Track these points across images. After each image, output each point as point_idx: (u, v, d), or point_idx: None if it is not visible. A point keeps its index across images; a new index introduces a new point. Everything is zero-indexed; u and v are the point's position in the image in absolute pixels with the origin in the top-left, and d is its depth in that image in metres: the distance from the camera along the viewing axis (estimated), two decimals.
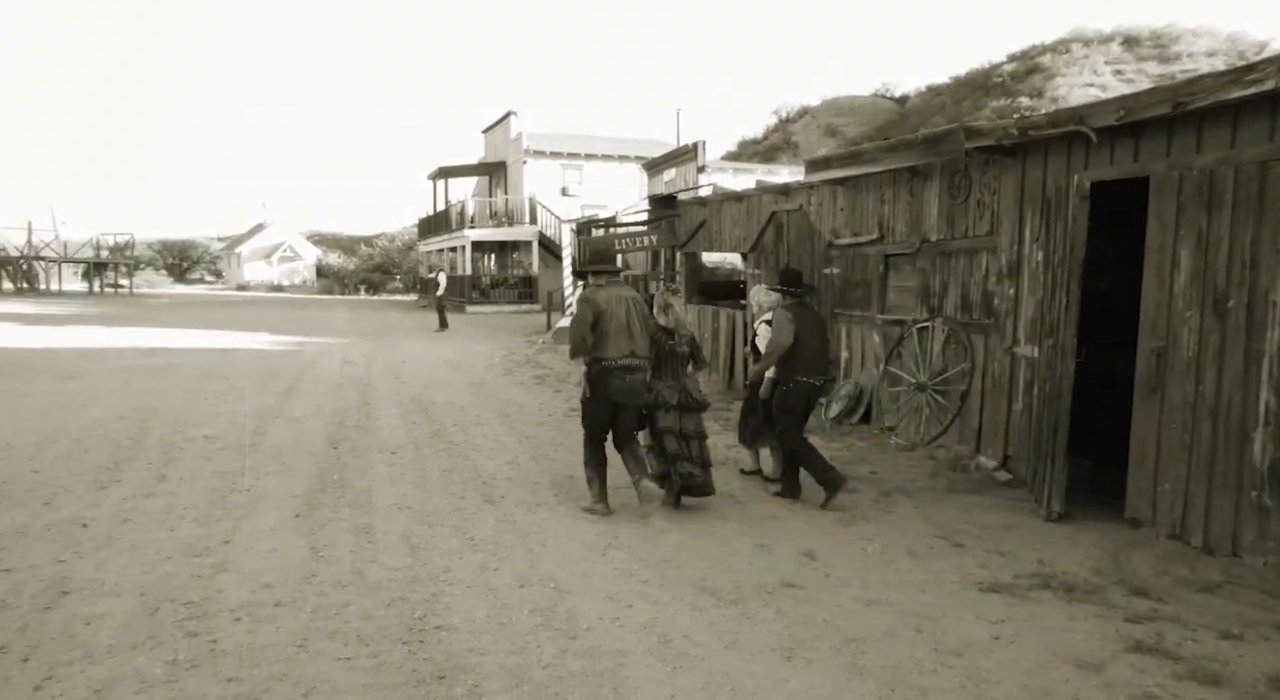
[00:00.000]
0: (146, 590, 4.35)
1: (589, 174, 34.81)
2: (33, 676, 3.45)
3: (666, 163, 25.02)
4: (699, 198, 14.36)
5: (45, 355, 15.35)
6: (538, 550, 5.13)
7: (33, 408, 9.71)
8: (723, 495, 6.44)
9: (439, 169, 38.13)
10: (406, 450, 7.83)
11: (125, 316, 26.98)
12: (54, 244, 46.18)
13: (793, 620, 4.17)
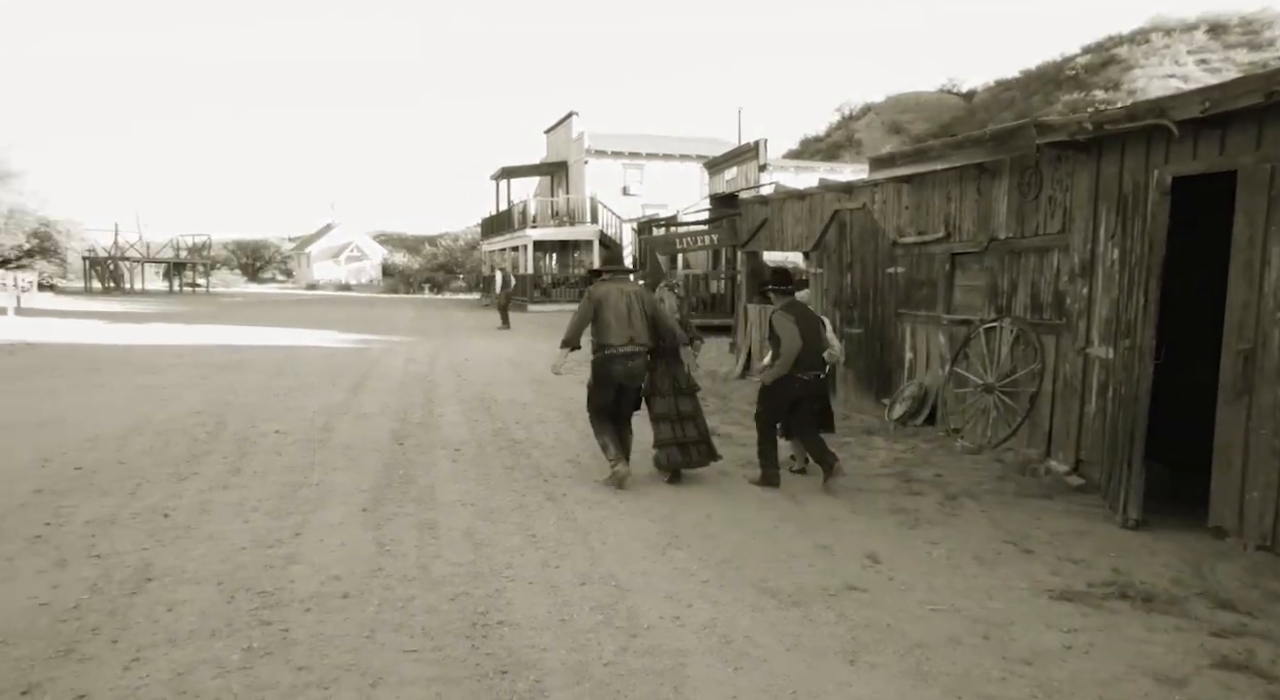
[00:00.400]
0: (223, 579, 4.49)
1: (650, 173, 34.83)
2: (122, 657, 3.59)
3: (728, 161, 24.89)
4: (760, 196, 14.26)
5: (129, 352, 15.98)
6: (598, 548, 5.15)
7: (118, 401, 10.12)
8: (782, 495, 6.40)
9: (502, 169, 38.63)
10: (469, 447, 7.95)
11: (202, 315, 27.92)
12: (138, 245, 48.11)
13: (855, 623, 4.11)
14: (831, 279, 10.97)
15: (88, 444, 7.70)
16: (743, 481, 6.86)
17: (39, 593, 4.26)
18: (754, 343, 13.29)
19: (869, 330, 10.16)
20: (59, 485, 6.28)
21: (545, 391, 11.71)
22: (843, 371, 10.64)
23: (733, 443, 8.35)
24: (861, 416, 9.79)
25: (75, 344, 17.34)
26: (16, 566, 4.63)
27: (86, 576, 4.49)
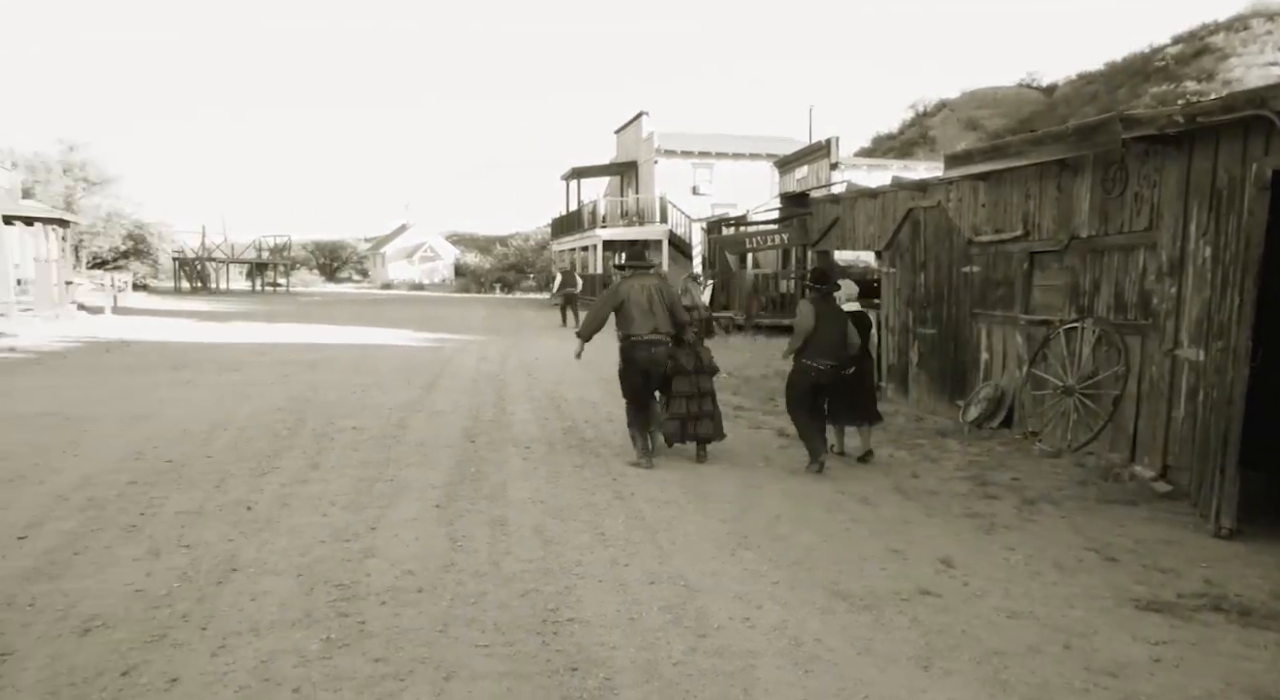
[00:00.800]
0: (303, 571, 4.63)
1: (719, 172, 34.70)
2: (210, 644, 3.74)
3: (798, 160, 24.65)
4: (832, 195, 14.09)
5: (215, 350, 16.61)
6: (667, 547, 5.15)
7: (205, 398, 10.52)
8: (853, 497, 6.30)
9: (572, 169, 38.96)
10: (539, 445, 8.03)
11: (282, 313, 28.84)
12: (223, 246, 50.05)
13: (929, 629, 4.03)
14: (904, 278, 10.77)
15: (177, 438, 8.02)
16: (811, 482, 6.79)
17: (134, 580, 4.46)
18: None
19: (943, 330, 9.94)
20: (151, 477, 6.57)
21: (614, 390, 11.71)
22: (915, 372, 10.44)
23: (801, 444, 8.24)
24: (935, 418, 9.59)
25: (165, 342, 18.10)
26: (115, 554, 4.85)
27: (177, 565, 4.68)
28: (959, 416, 9.18)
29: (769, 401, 10.78)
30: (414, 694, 3.34)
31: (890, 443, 8.38)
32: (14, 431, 8.17)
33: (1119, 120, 6.80)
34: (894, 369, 11.02)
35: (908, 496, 6.40)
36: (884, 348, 11.27)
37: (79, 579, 4.47)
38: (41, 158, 42.36)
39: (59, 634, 3.82)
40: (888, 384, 11.13)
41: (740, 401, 10.70)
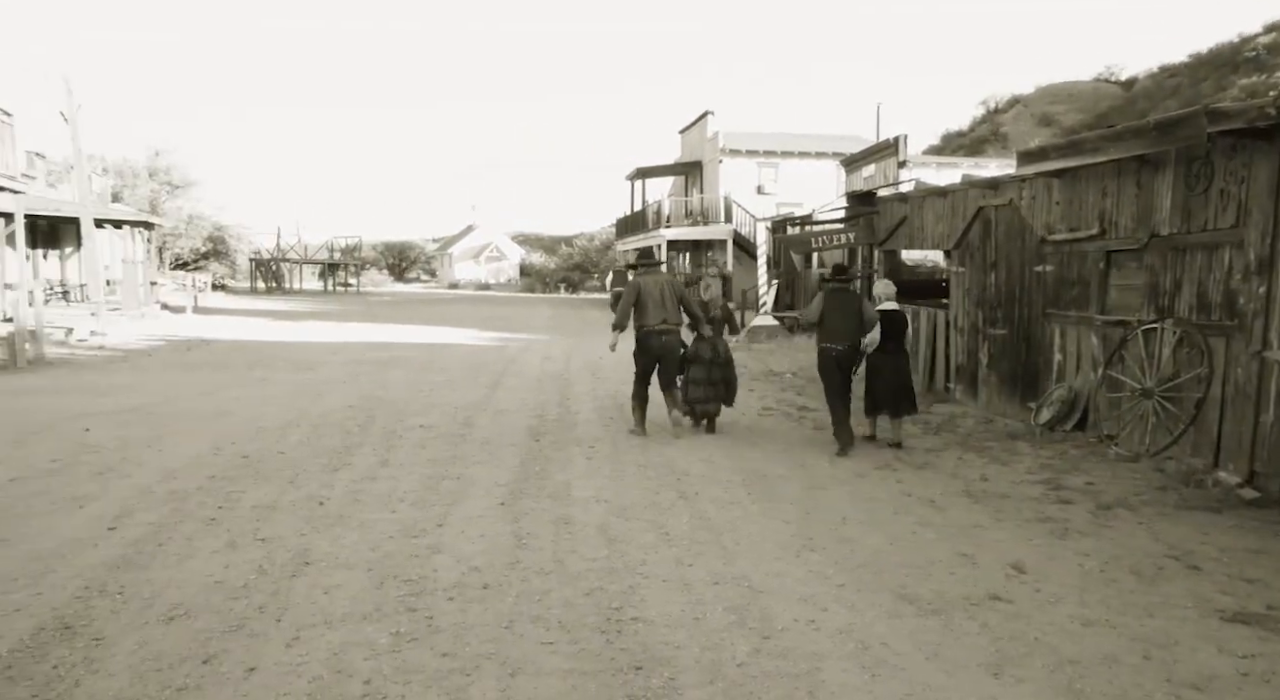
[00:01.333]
0: (373, 566, 4.74)
1: (785, 171, 34.41)
2: (284, 635, 3.86)
3: (865, 158, 24.28)
4: (900, 194, 13.85)
5: (288, 348, 17.11)
6: (731, 548, 5.14)
7: (279, 395, 10.85)
8: (920, 500, 6.19)
9: (637, 169, 39.05)
10: (603, 445, 8.08)
11: (353, 313, 29.56)
12: (296, 247, 51.55)
13: (1000, 635, 3.93)
14: (974, 278, 10.54)
15: (253, 435, 8.29)
16: (879, 483, 6.69)
17: (213, 571, 4.63)
18: None
19: (1014, 331, 9.69)
20: (229, 472, 6.80)
21: None
22: (984, 373, 10.20)
23: (868, 444, 8.14)
24: (1005, 420, 9.35)
25: (242, 341, 18.71)
26: (195, 545, 5.04)
27: (253, 558, 4.84)
28: (1030, 419, 8.94)
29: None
30: (481, 689, 3.40)
31: (959, 445, 8.21)
32: (104, 426, 8.55)
33: (1204, 114, 6.53)
34: (963, 370, 10.78)
35: (977, 500, 6.26)
36: (952, 348, 11.04)
37: (163, 569, 4.66)
38: (129, 163, 44.21)
39: (145, 621, 3.99)
40: (956, 385, 10.90)
41: (805, 402, 10.60)
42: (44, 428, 8.45)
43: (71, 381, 12.00)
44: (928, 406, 10.38)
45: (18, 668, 3.50)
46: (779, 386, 12.10)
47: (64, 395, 10.64)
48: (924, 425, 9.19)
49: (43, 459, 7.13)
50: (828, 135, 36.25)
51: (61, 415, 9.15)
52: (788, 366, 14.18)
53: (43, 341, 14.79)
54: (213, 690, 3.37)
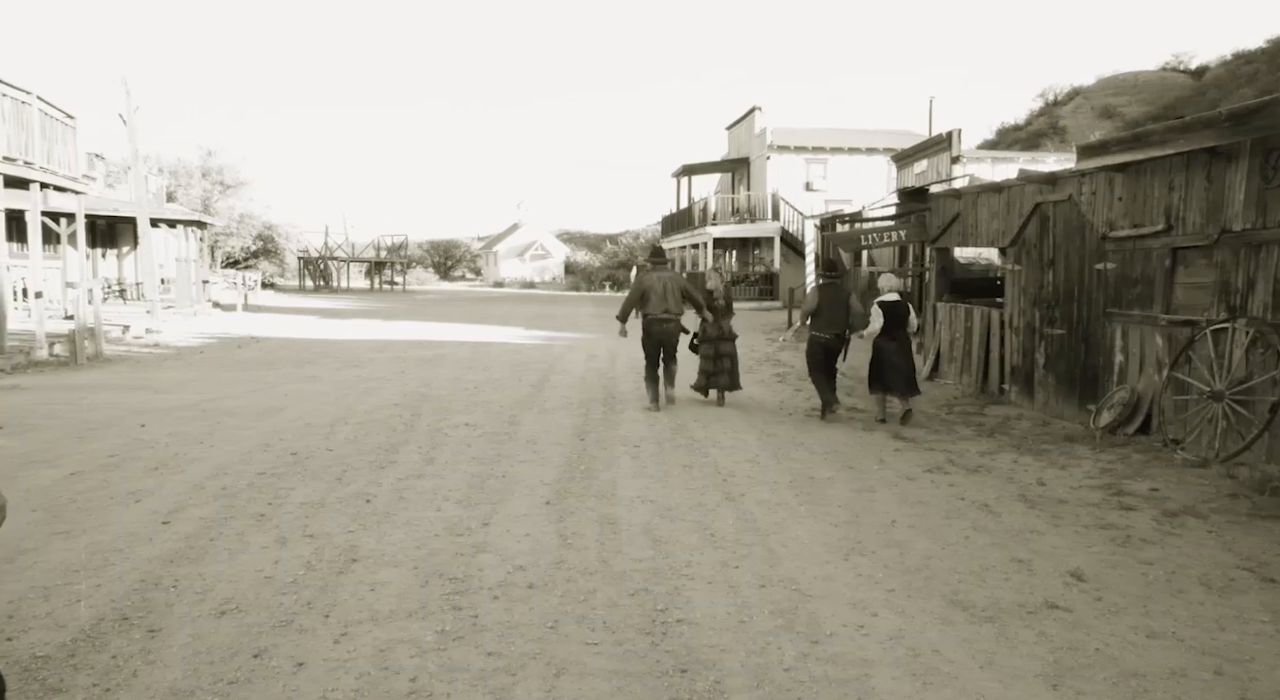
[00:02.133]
0: (419, 564, 4.80)
1: (834, 168, 34.12)
2: (332, 631, 3.92)
3: (917, 154, 23.93)
4: (953, 190, 13.62)
5: (336, 346, 17.42)
6: (778, 550, 5.10)
7: (327, 392, 11.05)
8: (973, 505, 6.09)
9: (683, 166, 39.02)
10: (648, 444, 8.08)
11: (399, 311, 29.98)
12: (344, 245, 52.47)
13: (1058, 645, 3.85)
14: (1030, 276, 10.33)
15: (301, 432, 8.45)
16: (930, 486, 6.59)
17: (263, 567, 4.73)
18: (944, 343, 12.71)
19: (1072, 331, 9.48)
20: (278, 469, 6.94)
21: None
22: (1041, 374, 9.99)
23: (919, 447, 8.04)
24: (1062, 423, 9.15)
25: (291, 338, 19.10)
26: (246, 541, 5.15)
27: (301, 554, 4.93)
28: (1089, 422, 8.73)
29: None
30: (525, 689, 3.42)
31: (1014, 448, 8.05)
32: (158, 422, 8.79)
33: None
34: (1018, 371, 10.57)
35: (1033, 505, 6.13)
36: (1007, 349, 10.83)
37: (215, 564, 4.77)
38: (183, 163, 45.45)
39: (199, 615, 4.09)
40: (1011, 386, 10.69)
41: (854, 402, 10.49)
42: (103, 424, 8.71)
43: (128, 378, 12.36)
44: (980, 408, 10.21)
45: (80, 656, 3.61)
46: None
47: (121, 392, 10.96)
48: (977, 427, 9.03)
49: (101, 454, 7.36)
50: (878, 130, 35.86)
51: (119, 411, 9.43)
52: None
53: (101, 339, 15.27)
54: (263, 684, 3.44)
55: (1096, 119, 33.05)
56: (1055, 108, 38.15)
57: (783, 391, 11.65)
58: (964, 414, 9.86)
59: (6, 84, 14.02)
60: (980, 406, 10.32)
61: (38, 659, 3.59)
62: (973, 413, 9.92)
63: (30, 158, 14.81)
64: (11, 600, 4.22)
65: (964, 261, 18.78)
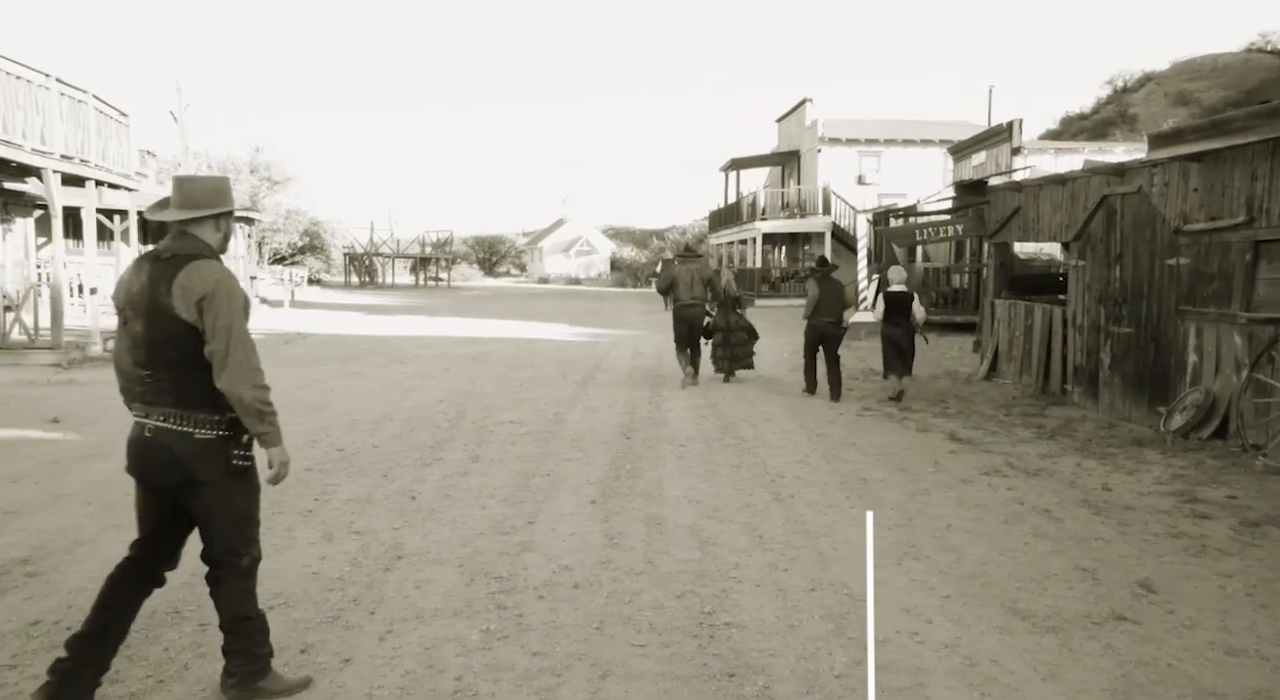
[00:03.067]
0: (464, 562, 4.85)
1: (887, 160, 33.72)
2: (378, 628, 3.98)
3: (975, 145, 23.47)
4: (1013, 182, 13.37)
5: (381, 342, 17.69)
6: (829, 553, 5.06)
7: (372, 388, 11.23)
8: (1033, 510, 5.96)
9: (731, 160, 38.88)
10: (695, 443, 8.07)
11: (444, 307, 30.33)
12: (389, 241, 53.26)
13: (1126, 659, 3.75)
14: (1095, 272, 10.08)
15: (347, 428, 8.59)
16: (987, 490, 6.47)
17: (310, 563, 4.82)
18: (1002, 342, 12.47)
19: (1141, 329, 9.23)
20: (324, 465, 7.07)
21: (772, 389, 11.65)
22: (1106, 375, 9.75)
23: (975, 449, 7.91)
24: (1129, 426, 8.93)
25: (337, 335, 19.44)
26: (294, 536, 5.26)
27: (348, 551, 5.02)
28: (1160, 424, 8.50)
29: (938, 403, 10.38)
30: (571, 690, 3.43)
31: (1077, 451, 7.88)
32: None
33: None
34: (1081, 371, 10.33)
35: (1098, 511, 5.99)
36: (1070, 348, 10.60)
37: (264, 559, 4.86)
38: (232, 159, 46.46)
39: None
40: (1074, 387, 10.46)
41: (907, 402, 10.36)
42: None
43: None
44: (1041, 409, 9.99)
45: (133, 648, 3.71)
46: (879, 386, 11.84)
47: None
48: (1038, 429, 8.85)
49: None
50: (934, 121, 35.33)
51: None
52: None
53: None
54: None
55: (1170, 106, 32.18)
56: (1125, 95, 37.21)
57: None
58: (1023, 415, 9.68)
59: (64, 83, 14.48)
60: (1041, 407, 10.11)
61: None
62: (1033, 414, 9.73)
63: (86, 156, 15.28)
64: (70, 591, 4.36)
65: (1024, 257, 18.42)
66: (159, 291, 3.07)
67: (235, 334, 3.07)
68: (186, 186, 3.27)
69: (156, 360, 3.09)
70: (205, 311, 3.04)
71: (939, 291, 20.87)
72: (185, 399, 3.10)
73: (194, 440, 3.10)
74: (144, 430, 3.16)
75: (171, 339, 3.07)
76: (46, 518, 5.49)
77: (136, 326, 3.13)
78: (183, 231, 3.20)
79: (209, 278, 3.08)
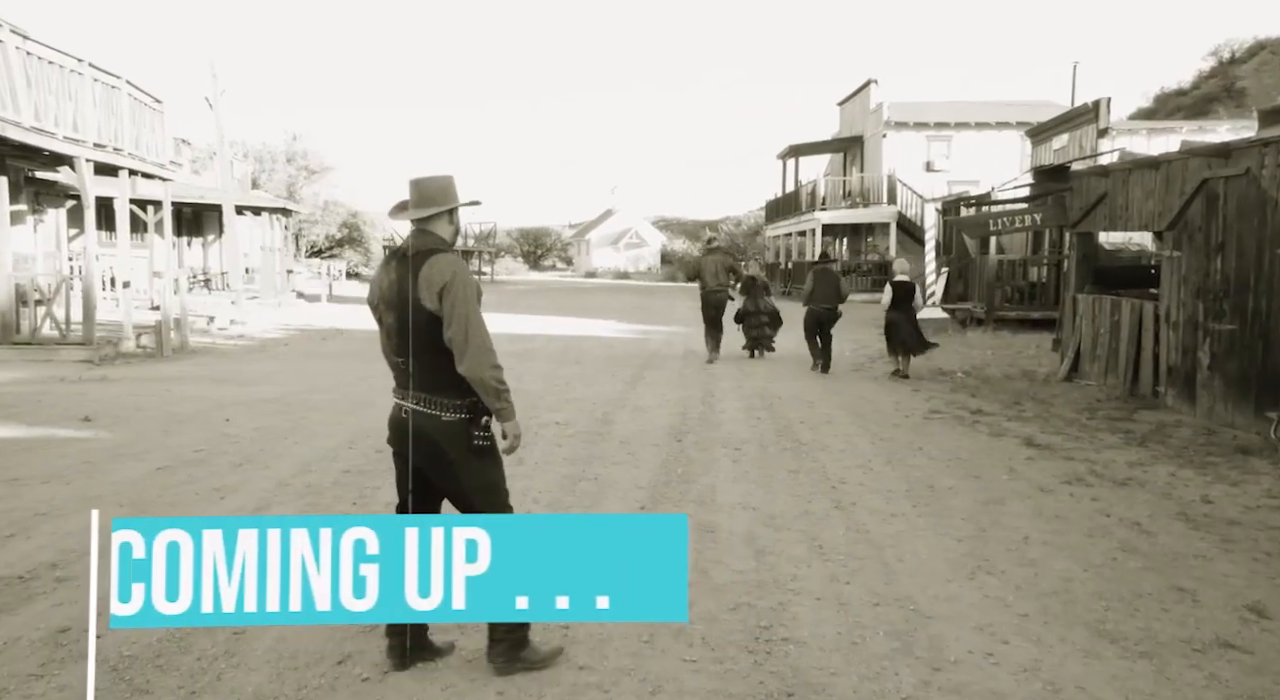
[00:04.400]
0: None
1: (959, 145, 33.15)
2: None
3: (1057, 127, 22.95)
4: (1099, 166, 13.06)
5: None
6: (894, 566, 4.97)
7: None
8: (1122, 523, 5.79)
9: (789, 147, 38.60)
10: (751, 447, 8.01)
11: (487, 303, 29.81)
12: None
13: (1235, 692, 3.59)
14: (1193, 263, 9.78)
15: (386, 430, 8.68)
16: (1069, 500, 6.30)
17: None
18: (1085, 340, 12.17)
19: (1246, 326, 8.92)
20: (364, 466, 7.16)
21: (832, 389, 11.54)
22: (1205, 376, 9.45)
23: (1055, 456, 7.71)
24: (1232, 432, 8.63)
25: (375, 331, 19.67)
26: None
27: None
28: (1270, 431, 8.21)
29: (1014, 406, 10.17)
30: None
31: (1171, 459, 7.64)
32: (243, 416, 9.20)
33: None
34: (1175, 371, 10.03)
35: (1196, 525, 5.80)
36: (1162, 346, 10.30)
37: None
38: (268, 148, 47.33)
39: None
40: (1167, 389, 10.16)
41: (979, 404, 10.17)
42: (188, 417, 9.16)
43: (213, 371, 12.98)
44: (1129, 413, 9.71)
45: (166, 657, 3.78)
46: (948, 387, 11.66)
47: (206, 384, 11.52)
48: (1125, 435, 8.61)
49: (187, 448, 7.73)
50: (1010, 102, 34.66)
51: (204, 405, 9.90)
52: (958, 365, 13.64)
53: (186, 330, 16.08)
54: (346, 693, 3.53)
55: None
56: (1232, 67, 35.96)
57: (898, 391, 11.38)
58: (1109, 419, 9.42)
59: (98, 69, 14.88)
60: (1129, 411, 9.84)
61: (125, 658, 3.77)
62: (1120, 418, 9.46)
63: (119, 144, 15.69)
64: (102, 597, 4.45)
65: (1110, 247, 17.98)
66: (406, 285, 3.55)
67: (472, 320, 3.54)
68: (421, 187, 3.73)
69: (407, 348, 3.57)
70: (444, 300, 3.50)
71: (1014, 286, 20.47)
72: (432, 383, 3.57)
73: (441, 422, 3.57)
74: (401, 411, 3.68)
75: (418, 327, 3.54)
76: (77, 519, 5.63)
77: (389, 319, 3.68)
78: (421, 229, 3.69)
79: (446, 269, 3.54)
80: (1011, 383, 11.96)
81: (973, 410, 9.86)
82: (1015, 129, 31.05)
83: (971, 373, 12.83)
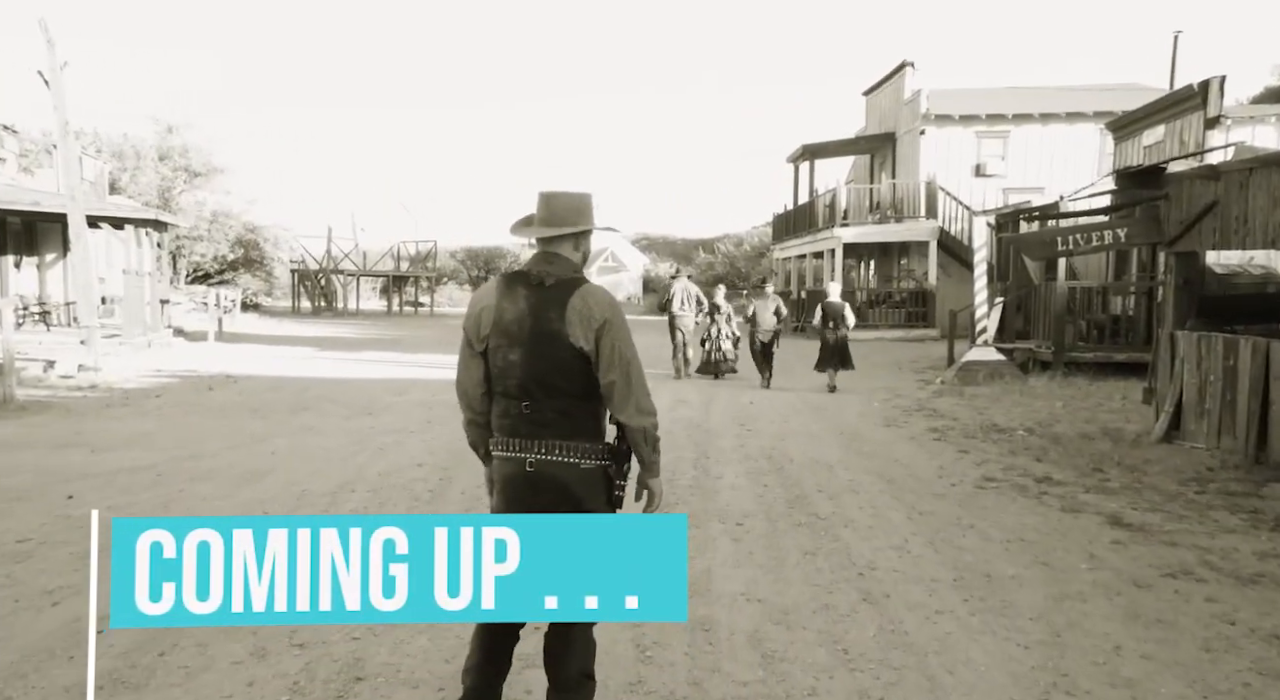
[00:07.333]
0: (445, 684, 4.81)
1: (1017, 143, 33.57)
2: None
3: (1148, 117, 22.84)
4: (1205, 167, 13.19)
5: (342, 387, 17.87)
6: (942, 679, 4.97)
7: (329, 449, 11.31)
8: (1257, 633, 5.79)
9: (802, 148, 38.88)
10: (756, 521, 8.03)
11: (426, 341, 30.59)
12: (353, 254, 53.68)
13: None
14: None
15: (294, 502, 8.65)
16: (1176, 599, 6.24)
17: (233, 692, 4.82)
18: (1188, 389, 12.09)
19: None
20: None
21: (858, 449, 11.59)
22: None
23: (1152, 539, 7.68)
24: None
25: (281, 377, 19.68)
26: (209, 656, 5.22)
27: (286, 672, 5.02)
28: None
29: (1093, 473, 10.21)
30: None
31: None
32: (95, 492, 8.97)
33: None
34: None
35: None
36: None
37: (162, 692, 4.81)
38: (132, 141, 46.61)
39: None
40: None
41: (1047, 471, 10.22)
42: (12, 497, 8.79)
43: (53, 432, 12.70)
44: (1257, 489, 9.60)
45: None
46: (1006, 448, 11.70)
47: (41, 451, 11.20)
48: (1251, 515, 8.47)
49: (8, 540, 7.35)
50: (1085, 88, 35.15)
51: (38, 478, 9.57)
52: (1019, 420, 13.72)
53: (13, 378, 15.23)
54: None
55: None
56: None
57: (943, 453, 11.44)
58: (1226, 494, 9.30)
59: None
60: (1253, 484, 9.77)
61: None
62: (1241, 493, 9.40)
63: None
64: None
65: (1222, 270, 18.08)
66: (547, 318, 3.77)
67: (634, 364, 3.85)
68: (552, 203, 3.97)
69: (541, 390, 3.79)
70: (602, 339, 3.77)
71: (1090, 320, 20.60)
72: (569, 429, 3.81)
73: (579, 471, 3.83)
74: (524, 465, 3.82)
75: (560, 367, 3.77)
76: None
77: (512, 356, 3.83)
78: (551, 253, 3.94)
79: (605, 303, 3.84)
80: (1089, 443, 12.02)
81: (1039, 478, 9.90)
82: (1092, 121, 31.43)
83: (1036, 430, 12.89)
